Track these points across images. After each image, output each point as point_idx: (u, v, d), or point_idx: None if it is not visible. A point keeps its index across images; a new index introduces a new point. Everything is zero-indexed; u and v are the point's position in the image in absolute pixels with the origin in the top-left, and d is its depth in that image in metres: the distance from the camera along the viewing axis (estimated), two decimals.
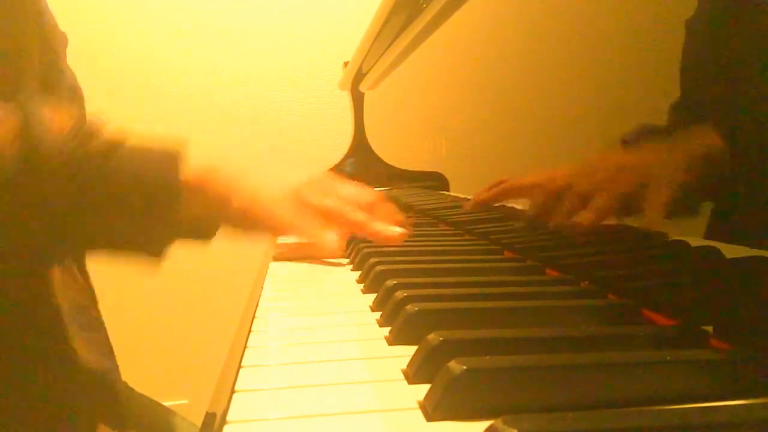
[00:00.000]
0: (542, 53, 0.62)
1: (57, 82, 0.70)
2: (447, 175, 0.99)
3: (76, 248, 0.60)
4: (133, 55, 1.84)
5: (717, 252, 0.36)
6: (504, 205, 0.68)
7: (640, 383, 0.25)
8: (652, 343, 0.30)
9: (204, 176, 0.57)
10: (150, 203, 0.53)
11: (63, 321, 0.61)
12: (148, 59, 1.85)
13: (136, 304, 1.85)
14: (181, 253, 0.74)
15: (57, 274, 0.62)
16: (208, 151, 0.58)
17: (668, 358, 0.26)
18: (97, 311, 0.70)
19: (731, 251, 0.35)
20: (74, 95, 0.80)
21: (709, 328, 0.31)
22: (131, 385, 0.84)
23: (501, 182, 0.68)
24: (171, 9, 1.86)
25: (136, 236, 0.55)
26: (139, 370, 0.99)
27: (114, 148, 0.53)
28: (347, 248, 0.67)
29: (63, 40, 0.76)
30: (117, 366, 0.68)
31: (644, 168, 0.39)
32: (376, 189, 1.34)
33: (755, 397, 0.25)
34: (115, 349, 0.80)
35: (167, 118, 1.86)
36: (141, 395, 0.84)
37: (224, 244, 0.67)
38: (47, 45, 0.68)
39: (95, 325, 0.67)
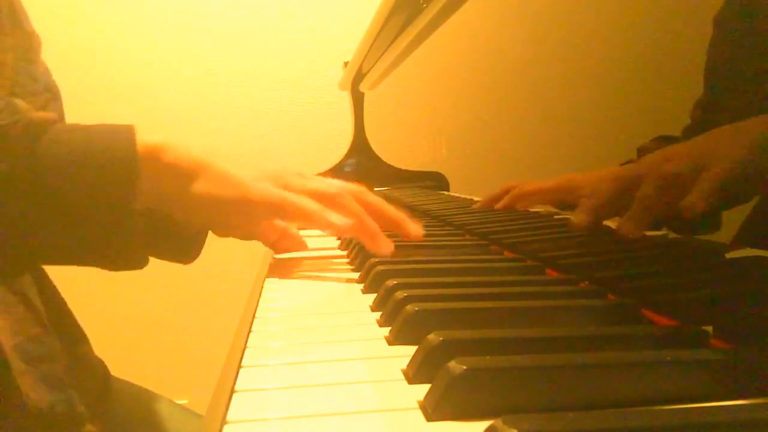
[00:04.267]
0: (543, 53, 0.62)
1: (32, 87, 0.68)
2: (447, 175, 0.99)
3: (18, 257, 0.49)
4: (133, 55, 1.84)
5: (717, 252, 0.36)
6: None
7: (640, 383, 0.25)
8: (652, 343, 0.30)
9: (158, 147, 0.49)
10: (101, 177, 0.46)
11: (6, 359, 0.57)
12: (148, 59, 1.85)
13: (136, 305, 1.85)
14: None
15: None
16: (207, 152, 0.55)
17: (668, 358, 0.26)
18: (54, 337, 0.67)
19: (731, 251, 0.35)
20: (51, 96, 0.80)
21: (709, 328, 0.31)
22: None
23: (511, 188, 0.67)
24: (171, 9, 1.86)
25: (90, 229, 0.46)
26: (139, 369, 0.99)
27: (49, 122, 0.47)
28: (347, 248, 0.67)
29: (37, 44, 0.75)
30: (70, 396, 0.65)
31: (698, 156, 0.36)
32: (376, 189, 1.34)
33: (755, 397, 0.25)
34: (115, 349, 0.80)
35: (167, 118, 1.86)
36: (138, 387, 0.83)
37: (223, 245, 0.67)
38: (23, 51, 0.67)
39: (49, 355, 0.64)
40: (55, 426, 0.61)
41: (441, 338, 0.28)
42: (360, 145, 1.40)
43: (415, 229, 0.59)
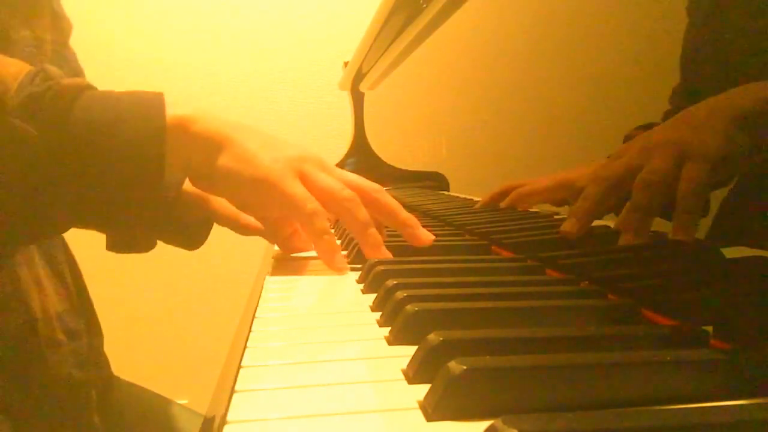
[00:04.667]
0: (542, 53, 0.62)
1: (63, 69, 0.70)
2: (447, 175, 0.99)
3: (47, 218, 0.49)
4: (133, 55, 1.84)
5: (717, 252, 0.36)
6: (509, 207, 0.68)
7: (640, 383, 0.25)
8: (652, 343, 0.30)
9: (187, 118, 0.50)
10: (131, 146, 0.47)
11: (37, 330, 0.59)
12: (148, 59, 1.85)
13: (136, 305, 1.85)
14: (180, 253, 0.74)
15: (28, 280, 0.60)
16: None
17: (668, 358, 0.26)
18: (81, 318, 0.68)
19: (731, 251, 0.35)
20: None
21: (709, 328, 0.31)
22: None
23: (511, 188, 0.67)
24: (171, 9, 1.86)
25: (118, 193, 0.47)
26: (139, 370, 0.99)
27: (81, 89, 0.47)
28: (347, 248, 0.67)
29: (68, 27, 0.76)
30: (89, 379, 0.65)
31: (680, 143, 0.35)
32: None
33: (755, 397, 0.25)
34: (115, 349, 0.80)
35: None
36: (140, 387, 0.84)
37: (224, 245, 0.67)
38: (57, 32, 0.68)
39: (78, 332, 0.65)
40: (69, 407, 0.61)
41: (441, 338, 0.28)
42: (360, 145, 1.40)
43: (425, 234, 0.58)
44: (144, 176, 0.47)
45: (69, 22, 0.76)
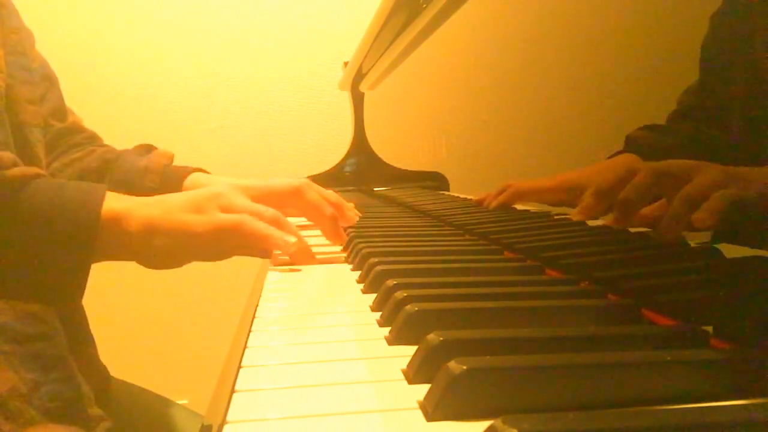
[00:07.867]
0: (543, 53, 0.62)
1: (28, 78, 0.72)
2: (447, 175, 0.99)
3: None
4: (134, 55, 1.84)
5: (717, 252, 0.36)
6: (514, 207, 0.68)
7: (640, 383, 0.25)
8: (652, 343, 0.30)
9: (119, 214, 0.55)
10: (65, 234, 0.52)
11: None
12: (149, 59, 1.85)
13: (136, 305, 1.85)
14: None
15: None
16: (207, 152, 0.56)
17: (668, 358, 0.26)
18: (54, 316, 0.67)
19: (731, 251, 0.35)
20: (49, 84, 0.84)
21: (709, 328, 0.31)
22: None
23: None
24: (171, 9, 1.86)
25: (43, 274, 0.53)
26: (139, 370, 0.99)
27: (26, 178, 0.53)
28: (347, 248, 0.67)
29: (29, 38, 0.78)
30: (71, 374, 0.65)
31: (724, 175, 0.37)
32: (376, 189, 1.34)
33: (755, 397, 0.25)
34: (115, 349, 0.80)
35: (167, 118, 1.86)
36: (139, 388, 0.83)
37: None
38: (9, 46, 0.70)
39: (46, 333, 0.65)
40: (48, 407, 0.61)
41: (441, 338, 0.28)
42: (360, 145, 1.40)
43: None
44: (75, 260, 0.53)
45: (29, 32, 0.79)
